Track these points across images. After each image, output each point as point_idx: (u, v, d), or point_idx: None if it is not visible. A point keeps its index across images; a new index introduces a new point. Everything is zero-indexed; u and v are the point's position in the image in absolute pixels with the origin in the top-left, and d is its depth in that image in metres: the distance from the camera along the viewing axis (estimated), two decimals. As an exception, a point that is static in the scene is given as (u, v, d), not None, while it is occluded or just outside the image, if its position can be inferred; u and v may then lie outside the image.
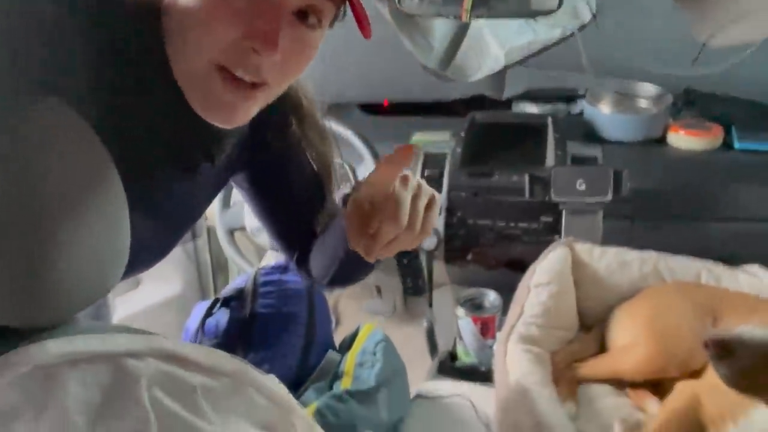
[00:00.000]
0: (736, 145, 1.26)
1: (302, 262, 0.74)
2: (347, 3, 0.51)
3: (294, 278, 0.90)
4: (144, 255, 0.60)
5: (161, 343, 0.43)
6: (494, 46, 1.01)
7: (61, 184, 0.39)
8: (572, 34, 0.91)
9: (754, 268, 1.05)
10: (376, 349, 0.82)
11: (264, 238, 1.22)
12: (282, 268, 0.90)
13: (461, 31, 0.99)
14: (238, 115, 0.52)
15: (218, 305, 0.83)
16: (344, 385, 0.77)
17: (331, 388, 0.78)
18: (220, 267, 1.88)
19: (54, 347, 0.39)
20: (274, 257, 1.19)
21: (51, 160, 0.38)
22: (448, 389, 0.92)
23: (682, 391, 0.79)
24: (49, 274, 0.38)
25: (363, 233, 0.54)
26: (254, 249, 1.33)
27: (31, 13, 0.44)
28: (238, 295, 0.83)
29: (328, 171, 0.72)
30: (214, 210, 1.30)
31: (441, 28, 1.02)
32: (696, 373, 0.84)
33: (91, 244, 0.40)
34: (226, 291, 0.85)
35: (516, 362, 0.83)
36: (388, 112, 1.75)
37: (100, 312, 0.89)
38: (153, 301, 1.66)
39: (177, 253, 1.70)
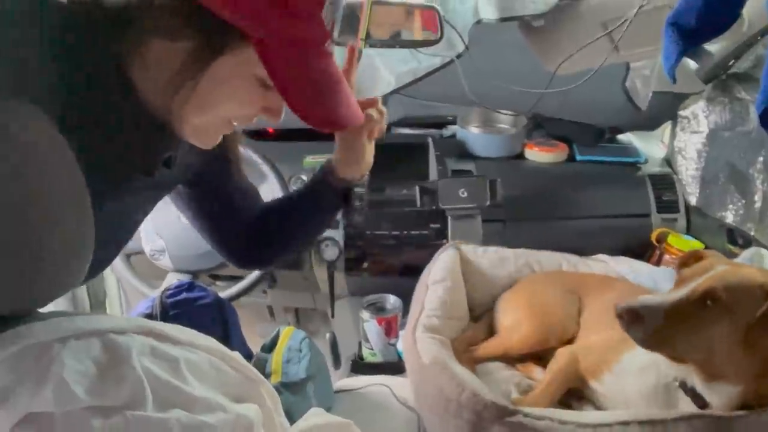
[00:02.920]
0: (578, 157, 1.52)
1: (245, 256, 0.79)
2: None
3: (200, 293, 0.91)
4: (99, 255, 0.61)
5: (141, 321, 0.46)
6: (385, 71, 1.14)
7: (40, 183, 0.40)
8: (451, 61, 1.06)
9: (602, 256, 1.27)
10: (301, 345, 0.87)
11: (165, 260, 1.21)
12: (187, 286, 0.92)
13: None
14: (217, 140, 0.61)
15: None
16: (274, 379, 0.80)
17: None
18: (98, 304, 1.77)
19: (42, 327, 0.41)
20: (175, 278, 1.18)
21: (32, 163, 0.39)
22: (364, 381, 1.00)
23: (561, 354, 0.94)
24: (34, 266, 0.39)
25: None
26: (152, 272, 1.29)
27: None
28: None
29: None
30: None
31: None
32: (570, 342, 1.02)
33: (66, 237, 0.42)
34: None
35: (426, 346, 0.93)
36: (274, 138, 1.80)
37: None
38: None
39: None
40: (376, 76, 1.14)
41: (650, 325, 0.68)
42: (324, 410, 0.61)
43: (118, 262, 1.23)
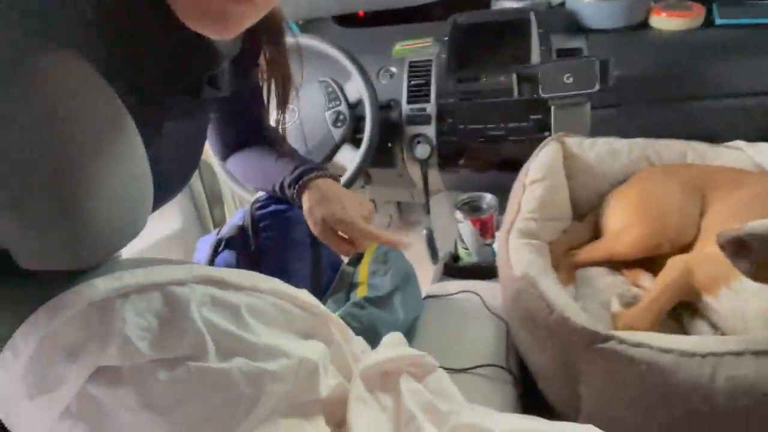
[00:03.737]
0: (718, 21, 1.25)
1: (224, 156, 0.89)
2: None
3: (288, 205, 0.91)
4: (169, 185, 0.64)
5: (201, 270, 0.46)
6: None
7: (80, 128, 0.39)
8: None
9: (738, 143, 1.08)
10: (386, 257, 0.86)
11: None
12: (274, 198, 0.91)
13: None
14: (228, 23, 0.52)
15: (222, 246, 0.84)
16: (360, 293, 0.81)
17: (348, 298, 0.82)
18: (215, 199, 1.90)
19: (102, 284, 0.41)
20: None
21: (67, 107, 0.38)
22: (455, 287, 0.98)
23: (674, 264, 0.84)
24: (81, 216, 0.39)
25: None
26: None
27: None
28: (239, 233, 0.83)
29: (287, 93, 0.73)
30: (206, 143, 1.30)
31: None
32: (686, 248, 0.90)
33: (116, 183, 0.41)
34: (226, 230, 0.85)
35: (518, 255, 0.88)
36: (365, 23, 1.70)
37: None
38: (155, 238, 1.68)
39: (172, 191, 1.70)
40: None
41: (757, 254, 0.59)
42: (401, 335, 0.60)
43: (220, 169, 1.28)
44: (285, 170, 0.82)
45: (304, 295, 0.52)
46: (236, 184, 1.27)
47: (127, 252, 1.58)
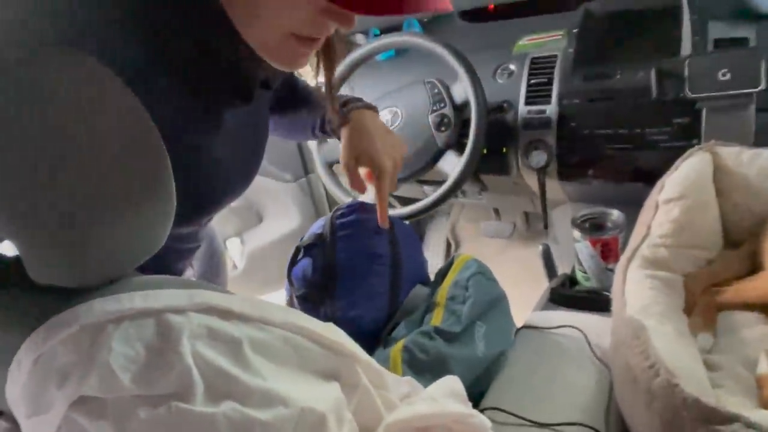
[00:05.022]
0: None
1: None
2: None
3: (370, 216, 0.85)
4: (234, 180, 0.64)
5: (204, 296, 0.41)
6: None
7: (101, 141, 0.38)
8: None
9: None
10: (468, 283, 0.76)
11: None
12: (358, 206, 0.86)
13: None
14: (302, 61, 0.54)
15: (300, 254, 0.81)
16: (435, 318, 0.72)
17: (422, 321, 0.74)
18: (335, 198, 1.92)
19: (98, 306, 0.39)
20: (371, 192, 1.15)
21: (84, 125, 0.37)
22: (559, 319, 0.84)
23: None
24: (94, 235, 0.38)
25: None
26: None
27: None
28: (318, 241, 0.80)
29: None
30: (313, 145, 1.29)
31: None
32: None
33: (133, 201, 0.39)
34: (306, 238, 0.82)
35: (636, 291, 0.72)
36: (492, 17, 1.58)
37: (213, 261, 0.93)
38: (276, 236, 1.74)
39: (293, 190, 1.75)
40: None
41: None
42: (456, 382, 0.51)
43: (321, 170, 1.26)
44: (320, 111, 0.85)
45: (326, 331, 0.45)
46: (336, 187, 1.24)
47: (248, 245, 1.67)
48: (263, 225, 1.82)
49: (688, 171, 0.88)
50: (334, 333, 0.46)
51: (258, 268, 1.72)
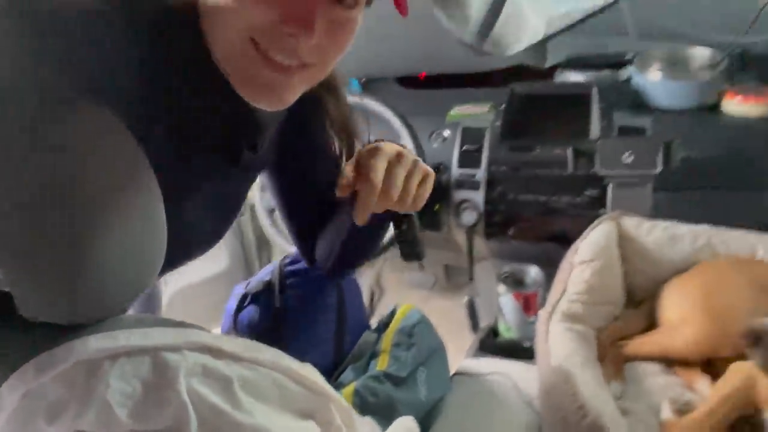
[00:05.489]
0: (797, 109, 1.17)
1: (311, 254, 0.76)
2: None
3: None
4: (199, 242, 0.63)
5: (198, 336, 0.43)
6: (533, 16, 0.96)
7: (99, 186, 0.38)
8: (616, 1, 0.85)
9: (819, 242, 0.98)
10: (413, 330, 0.81)
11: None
12: None
13: (499, 3, 0.95)
14: (282, 95, 0.51)
15: (247, 300, 0.82)
16: (381, 364, 0.76)
17: (368, 367, 0.78)
18: (264, 242, 1.92)
19: (94, 343, 0.39)
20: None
21: (88, 163, 0.38)
22: (489, 366, 0.92)
23: (736, 372, 0.75)
24: (88, 274, 0.38)
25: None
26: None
27: (72, 10, 0.43)
28: (266, 288, 0.82)
29: (351, 150, 0.69)
30: (254, 189, 1.32)
31: (478, 1, 0.98)
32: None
33: (128, 243, 0.40)
34: (253, 285, 0.83)
35: (558, 342, 0.81)
36: (425, 85, 1.72)
37: (150, 301, 0.91)
38: (202, 277, 1.70)
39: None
40: (523, 22, 0.96)
41: None
42: (412, 422, 0.55)
43: (263, 216, 1.28)
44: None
45: (307, 372, 0.48)
46: (277, 234, 1.27)
47: (171, 286, 1.60)
48: (188, 265, 1.77)
49: (599, 237, 1.01)
50: (312, 373, 0.49)
51: (179, 311, 1.67)
